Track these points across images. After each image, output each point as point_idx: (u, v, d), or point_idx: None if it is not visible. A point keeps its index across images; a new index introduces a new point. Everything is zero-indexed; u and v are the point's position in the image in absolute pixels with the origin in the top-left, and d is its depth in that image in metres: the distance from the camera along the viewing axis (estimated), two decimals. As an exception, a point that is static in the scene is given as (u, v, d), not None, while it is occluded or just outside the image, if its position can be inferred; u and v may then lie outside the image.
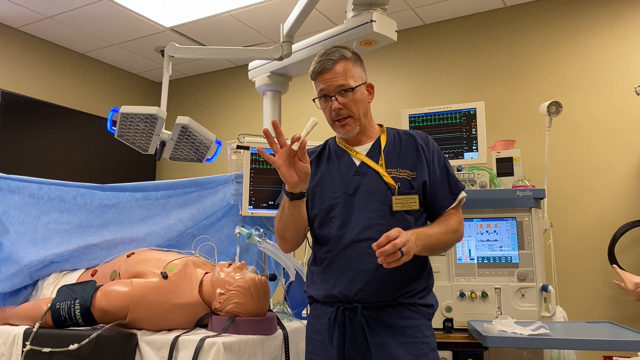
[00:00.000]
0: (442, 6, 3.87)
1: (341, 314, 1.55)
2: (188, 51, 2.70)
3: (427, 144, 1.68)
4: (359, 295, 1.53)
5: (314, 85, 1.67)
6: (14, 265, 2.05)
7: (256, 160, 2.38)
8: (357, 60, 1.67)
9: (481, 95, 3.66)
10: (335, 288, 1.56)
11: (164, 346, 1.62)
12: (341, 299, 1.56)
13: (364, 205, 1.59)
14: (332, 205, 1.62)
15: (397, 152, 1.66)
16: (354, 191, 1.61)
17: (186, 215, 2.36)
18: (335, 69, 1.60)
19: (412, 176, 1.61)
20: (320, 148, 1.78)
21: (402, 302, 1.55)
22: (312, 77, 1.66)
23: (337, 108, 1.61)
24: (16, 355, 1.75)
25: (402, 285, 1.55)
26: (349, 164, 1.66)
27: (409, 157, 1.65)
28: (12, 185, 2.09)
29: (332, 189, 1.64)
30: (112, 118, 2.24)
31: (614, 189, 3.39)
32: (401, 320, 1.54)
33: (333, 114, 1.63)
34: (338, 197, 1.62)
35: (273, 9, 3.85)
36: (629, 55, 3.46)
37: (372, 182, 1.60)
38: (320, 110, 1.69)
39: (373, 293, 1.53)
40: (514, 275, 2.40)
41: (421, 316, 1.57)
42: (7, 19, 4.10)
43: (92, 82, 4.84)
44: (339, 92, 1.60)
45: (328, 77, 1.61)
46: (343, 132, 1.66)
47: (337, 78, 1.60)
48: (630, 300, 3.13)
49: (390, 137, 1.70)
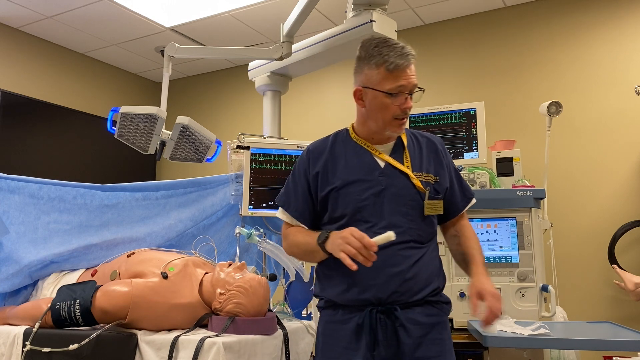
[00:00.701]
0: (442, 6, 3.87)
1: (374, 317, 1.50)
2: (188, 51, 2.70)
3: (444, 148, 1.69)
4: (392, 297, 1.50)
5: (381, 75, 1.53)
6: (14, 265, 2.05)
7: (256, 160, 2.38)
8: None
9: (481, 95, 3.66)
10: (368, 291, 1.51)
11: (164, 346, 1.62)
12: (373, 302, 1.51)
13: (393, 208, 1.55)
14: (359, 208, 1.56)
15: (418, 154, 1.63)
16: (380, 193, 1.56)
17: (186, 215, 2.36)
18: (412, 66, 1.55)
19: (435, 181, 1.60)
20: (330, 142, 1.68)
21: (429, 300, 1.55)
22: (390, 68, 1.51)
23: (409, 107, 1.55)
24: (16, 355, 1.75)
25: (429, 283, 1.55)
26: (372, 164, 1.60)
27: (431, 161, 1.63)
28: (12, 185, 2.09)
29: (356, 190, 1.57)
30: (112, 118, 2.24)
31: (614, 189, 3.39)
32: (429, 318, 1.54)
33: (401, 112, 1.55)
34: (364, 200, 1.55)
35: (273, 9, 3.85)
36: (629, 55, 3.46)
37: (400, 185, 1.57)
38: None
39: (406, 294, 1.51)
40: (514, 275, 2.40)
41: (443, 313, 1.59)
42: (7, 19, 4.10)
43: (92, 82, 4.84)
44: (413, 91, 1.55)
45: (410, 73, 1.54)
46: (398, 131, 1.60)
47: (415, 77, 1.55)
48: (630, 300, 3.13)
49: (409, 138, 1.66)
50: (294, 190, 1.66)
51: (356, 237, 1.41)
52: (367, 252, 1.39)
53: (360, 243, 1.39)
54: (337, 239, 1.45)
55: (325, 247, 1.50)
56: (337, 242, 1.44)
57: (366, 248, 1.39)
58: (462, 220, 1.70)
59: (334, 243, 1.46)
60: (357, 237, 1.41)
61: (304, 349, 1.94)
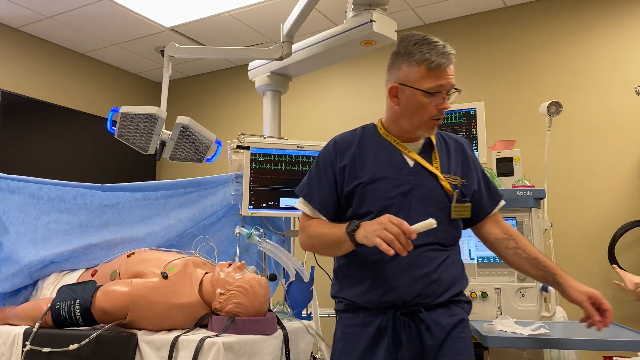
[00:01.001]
0: (442, 6, 3.87)
1: (397, 319, 1.47)
2: (188, 51, 2.70)
3: (472, 151, 1.67)
4: (417, 299, 1.47)
5: (421, 73, 1.49)
6: (14, 265, 2.05)
7: (256, 160, 2.38)
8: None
9: (481, 95, 3.65)
10: (392, 293, 1.48)
11: (164, 346, 1.62)
12: (396, 304, 1.48)
13: (420, 208, 1.51)
14: (386, 206, 1.51)
15: (446, 156, 1.61)
16: (408, 192, 1.52)
17: (186, 215, 2.36)
18: (452, 66, 1.51)
19: (463, 183, 1.58)
20: (358, 136, 1.63)
21: (452, 301, 1.54)
22: (432, 67, 1.47)
23: (446, 107, 1.51)
24: (16, 355, 1.75)
25: (452, 286, 1.53)
26: (401, 162, 1.56)
27: (459, 163, 1.61)
28: (12, 185, 2.09)
29: (384, 188, 1.53)
30: (112, 118, 2.24)
31: (614, 189, 3.39)
32: (451, 318, 1.52)
33: (437, 112, 1.51)
34: (392, 198, 1.52)
35: (273, 9, 3.85)
36: (629, 55, 3.46)
37: (429, 185, 1.54)
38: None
39: (431, 296, 1.49)
40: (514, 275, 2.40)
41: (465, 312, 1.58)
42: (7, 19, 4.10)
43: (92, 82, 4.84)
44: (450, 92, 1.52)
45: (450, 73, 1.50)
46: (432, 132, 1.57)
47: (453, 77, 1.52)
48: (630, 300, 3.13)
49: (438, 139, 1.64)
50: (318, 181, 1.60)
51: (394, 222, 1.33)
52: (404, 240, 1.32)
53: (398, 229, 1.32)
54: (373, 224, 1.37)
55: (355, 236, 1.41)
56: (373, 228, 1.36)
57: (404, 234, 1.32)
58: (501, 222, 1.68)
59: (367, 230, 1.38)
60: (396, 223, 1.33)
61: (304, 349, 1.94)
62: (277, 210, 2.38)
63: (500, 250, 1.66)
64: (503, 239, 1.64)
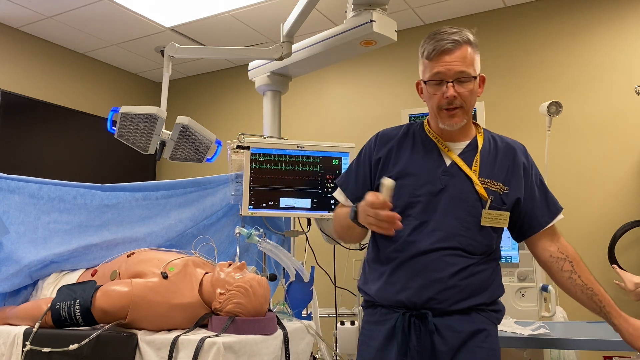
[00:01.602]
0: (442, 6, 3.87)
1: (407, 321, 1.44)
2: (188, 51, 2.70)
3: (527, 158, 1.57)
4: (429, 303, 1.42)
5: (424, 64, 1.48)
6: (14, 265, 2.05)
7: (256, 160, 2.38)
8: (478, 47, 1.50)
9: (481, 95, 3.65)
10: (403, 293, 1.45)
11: (164, 346, 1.62)
12: (408, 305, 1.44)
13: (448, 210, 1.45)
14: (412, 202, 1.47)
15: (492, 160, 1.52)
16: (439, 192, 1.46)
17: (186, 215, 2.36)
18: (458, 52, 1.43)
19: (504, 191, 1.48)
20: (402, 131, 1.59)
21: (473, 308, 1.46)
22: (428, 57, 1.45)
23: (451, 96, 1.43)
24: (16, 355, 1.75)
25: (475, 295, 1.45)
26: (438, 161, 1.50)
27: (504, 168, 1.51)
28: (12, 185, 2.09)
29: (413, 184, 1.48)
30: (112, 118, 2.24)
31: (614, 189, 3.38)
32: (470, 325, 1.44)
33: (445, 101, 1.45)
34: (420, 196, 1.47)
35: (273, 9, 3.85)
36: (629, 55, 3.46)
37: (461, 188, 1.46)
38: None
39: (445, 302, 1.42)
40: (514, 275, 2.40)
41: (490, 321, 1.49)
42: (7, 19, 4.10)
43: (92, 82, 4.84)
44: (458, 79, 1.43)
45: (449, 60, 1.42)
46: (449, 124, 1.48)
47: (458, 63, 1.42)
48: (630, 300, 3.12)
49: (486, 141, 1.55)
50: (356, 172, 1.60)
51: (367, 203, 1.30)
52: (385, 216, 1.28)
53: (373, 210, 1.29)
54: (361, 210, 1.36)
55: (359, 221, 1.40)
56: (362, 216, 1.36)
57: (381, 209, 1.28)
58: (559, 240, 1.58)
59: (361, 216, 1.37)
60: (368, 203, 1.30)
61: (304, 349, 1.94)
62: (277, 210, 2.38)
63: (554, 271, 1.56)
64: (558, 259, 1.55)
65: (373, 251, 1.58)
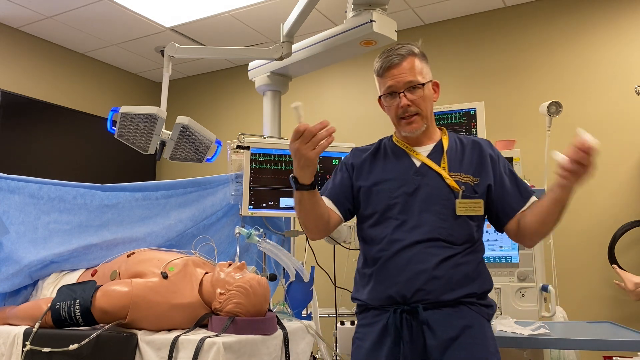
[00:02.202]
0: (442, 6, 3.87)
1: (398, 317, 1.49)
2: (188, 51, 2.70)
3: (493, 150, 1.65)
4: (417, 295, 1.48)
5: (378, 82, 1.62)
6: (14, 265, 2.05)
7: (256, 160, 2.38)
8: (424, 56, 1.63)
9: (481, 95, 3.66)
10: (392, 288, 1.51)
11: (164, 346, 1.62)
12: (398, 301, 1.50)
13: (425, 207, 1.53)
14: (390, 205, 1.57)
15: (459, 156, 1.61)
16: (413, 192, 1.56)
17: (186, 215, 2.36)
18: (403, 64, 1.56)
19: (475, 181, 1.57)
20: (374, 146, 1.72)
21: (463, 302, 1.50)
22: (379, 73, 1.60)
23: (405, 105, 1.56)
24: (16, 355, 1.75)
25: (462, 286, 1.50)
26: (409, 164, 1.61)
27: (472, 162, 1.60)
28: (12, 185, 2.09)
29: (389, 188, 1.58)
30: (112, 118, 2.24)
31: (614, 189, 3.38)
32: (461, 321, 1.48)
33: (400, 111, 1.57)
34: (396, 197, 1.56)
35: (273, 9, 3.85)
36: (629, 55, 3.46)
37: (434, 184, 1.55)
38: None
39: (433, 292, 1.47)
40: (514, 275, 2.41)
41: (481, 316, 1.52)
42: (7, 19, 4.10)
43: (92, 82, 4.84)
44: (407, 88, 1.55)
45: (396, 72, 1.56)
46: (409, 130, 1.59)
47: (406, 74, 1.55)
48: (630, 300, 3.13)
49: (452, 141, 1.65)
50: (333, 179, 1.72)
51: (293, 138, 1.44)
52: (311, 133, 1.40)
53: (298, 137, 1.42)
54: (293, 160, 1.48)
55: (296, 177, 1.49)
56: (294, 161, 1.48)
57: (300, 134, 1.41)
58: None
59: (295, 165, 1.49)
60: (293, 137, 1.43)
61: (304, 349, 1.94)
62: (277, 210, 2.38)
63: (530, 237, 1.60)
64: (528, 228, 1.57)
65: (361, 258, 1.66)
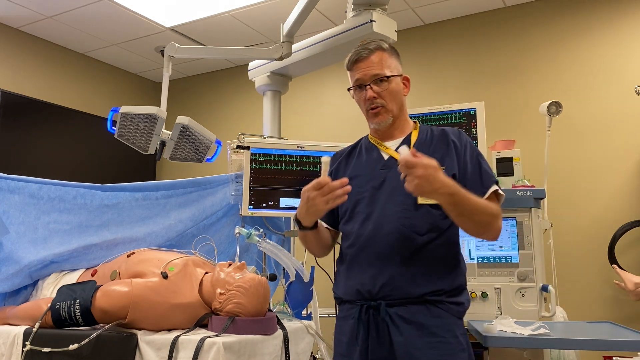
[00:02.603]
0: (442, 6, 3.87)
1: (365, 313, 1.51)
2: (188, 51, 2.70)
3: (459, 138, 1.63)
4: (383, 290, 1.49)
5: (349, 75, 1.67)
6: (14, 265, 2.05)
7: (256, 160, 2.38)
8: (394, 52, 1.66)
9: (481, 95, 3.66)
10: (359, 284, 1.53)
11: (164, 346, 1.62)
12: (365, 296, 1.52)
13: (389, 198, 1.56)
14: (358, 200, 1.60)
15: (427, 147, 1.61)
16: (380, 185, 1.58)
17: (186, 215, 2.36)
18: (371, 58, 1.60)
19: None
20: (352, 146, 1.77)
21: (429, 300, 1.49)
22: (348, 67, 1.65)
23: (371, 97, 1.59)
24: (16, 355, 1.75)
25: (428, 282, 1.49)
26: (378, 159, 1.64)
27: (439, 152, 1.59)
28: (12, 185, 2.09)
29: (359, 183, 1.61)
30: (112, 118, 2.24)
31: (614, 189, 3.38)
32: (428, 319, 1.48)
33: (367, 103, 1.61)
34: (364, 192, 1.60)
35: (273, 9, 3.85)
36: (628, 55, 3.46)
37: (398, 176, 1.54)
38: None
39: (398, 289, 1.48)
40: (514, 275, 2.40)
41: (450, 314, 1.51)
42: (7, 19, 4.10)
43: (92, 82, 4.84)
44: (374, 81, 1.59)
45: (364, 66, 1.60)
46: (376, 122, 1.63)
47: (373, 67, 1.59)
48: (630, 300, 3.13)
49: (423, 134, 1.66)
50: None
51: (308, 188, 1.46)
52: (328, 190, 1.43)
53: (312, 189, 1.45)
54: (301, 203, 1.51)
55: (298, 219, 1.56)
56: (302, 206, 1.51)
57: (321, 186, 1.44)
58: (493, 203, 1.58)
59: (301, 210, 1.53)
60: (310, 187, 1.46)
61: (304, 349, 1.94)
62: (277, 210, 2.38)
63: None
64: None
65: (340, 254, 1.69)
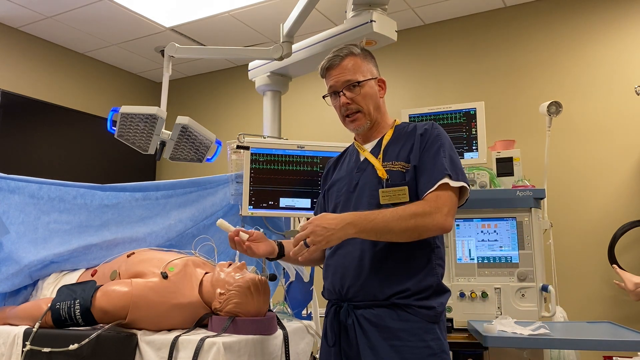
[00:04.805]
0: (442, 6, 3.87)
1: (334, 313, 1.58)
2: (188, 51, 2.70)
3: (426, 131, 1.57)
4: (350, 292, 1.53)
5: (325, 83, 1.69)
6: (14, 265, 2.05)
7: (256, 160, 2.38)
8: (367, 56, 1.67)
9: (481, 95, 3.66)
10: (331, 284, 1.60)
11: (164, 346, 1.62)
12: (336, 297, 1.58)
13: (358, 200, 1.58)
14: (337, 204, 1.65)
15: (399, 145, 1.60)
16: (354, 188, 1.61)
17: (186, 215, 2.36)
18: (342, 64, 1.61)
19: (407, 168, 1.54)
20: (342, 152, 1.81)
21: (396, 303, 1.46)
22: (321, 74, 1.68)
23: (345, 103, 1.61)
24: (16, 355, 1.75)
25: (393, 283, 1.47)
26: (355, 162, 1.67)
27: (408, 148, 1.57)
28: (12, 185, 2.09)
29: (338, 188, 1.67)
30: (112, 118, 2.24)
31: (614, 189, 3.39)
32: (395, 323, 1.46)
33: (342, 109, 1.63)
34: (341, 196, 1.64)
35: (273, 9, 3.85)
36: (629, 55, 3.46)
37: (368, 177, 1.59)
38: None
39: (363, 291, 1.50)
40: (514, 275, 2.40)
41: (419, 318, 1.46)
42: (7, 19, 4.10)
43: (92, 82, 4.84)
44: (347, 87, 1.60)
45: (335, 73, 1.62)
46: (353, 128, 1.65)
47: (345, 73, 1.61)
48: (630, 300, 3.13)
49: (397, 131, 1.64)
50: (318, 201, 1.83)
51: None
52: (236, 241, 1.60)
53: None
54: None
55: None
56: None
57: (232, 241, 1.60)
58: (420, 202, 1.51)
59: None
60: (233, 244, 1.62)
61: (304, 349, 1.94)
62: (277, 210, 2.38)
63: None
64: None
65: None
